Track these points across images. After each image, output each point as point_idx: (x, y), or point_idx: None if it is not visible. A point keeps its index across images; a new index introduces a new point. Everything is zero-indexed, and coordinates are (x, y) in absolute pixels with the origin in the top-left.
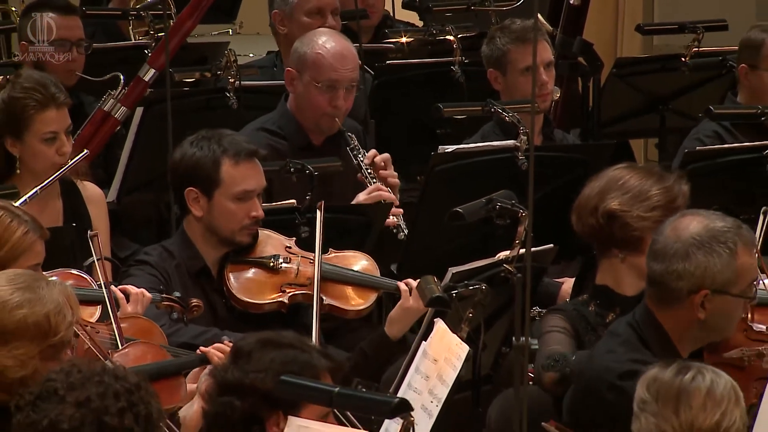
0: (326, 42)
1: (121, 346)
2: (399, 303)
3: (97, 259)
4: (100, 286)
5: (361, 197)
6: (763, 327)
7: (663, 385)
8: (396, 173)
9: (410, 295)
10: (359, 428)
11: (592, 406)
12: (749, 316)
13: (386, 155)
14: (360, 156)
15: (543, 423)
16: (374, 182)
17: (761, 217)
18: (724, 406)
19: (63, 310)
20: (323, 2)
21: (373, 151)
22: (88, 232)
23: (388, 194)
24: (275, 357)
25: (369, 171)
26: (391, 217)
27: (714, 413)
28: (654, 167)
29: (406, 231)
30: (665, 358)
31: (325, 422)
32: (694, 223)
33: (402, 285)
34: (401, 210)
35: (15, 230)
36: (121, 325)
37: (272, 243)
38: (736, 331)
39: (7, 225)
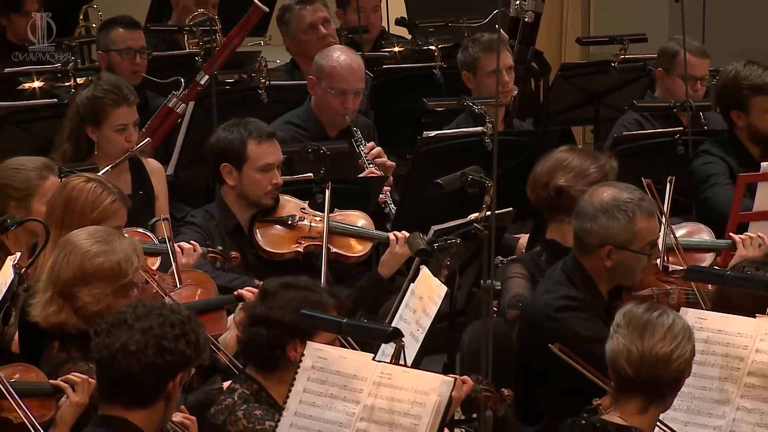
0: (339, 57)
1: (180, 285)
2: (388, 249)
3: (168, 239)
4: (161, 241)
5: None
6: (678, 267)
7: (635, 316)
8: (388, 160)
9: (397, 243)
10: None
11: (535, 334)
12: (661, 261)
13: (378, 148)
14: (361, 146)
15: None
16: (369, 166)
17: (668, 185)
18: (678, 340)
19: (131, 258)
20: (314, 18)
21: (371, 143)
22: (161, 216)
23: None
24: (293, 296)
25: (367, 158)
26: (383, 194)
27: (670, 344)
28: (589, 150)
29: (392, 206)
30: (588, 293)
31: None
32: (606, 194)
33: (391, 236)
34: (389, 188)
35: (105, 199)
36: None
37: (290, 205)
38: (649, 275)
39: (99, 194)
